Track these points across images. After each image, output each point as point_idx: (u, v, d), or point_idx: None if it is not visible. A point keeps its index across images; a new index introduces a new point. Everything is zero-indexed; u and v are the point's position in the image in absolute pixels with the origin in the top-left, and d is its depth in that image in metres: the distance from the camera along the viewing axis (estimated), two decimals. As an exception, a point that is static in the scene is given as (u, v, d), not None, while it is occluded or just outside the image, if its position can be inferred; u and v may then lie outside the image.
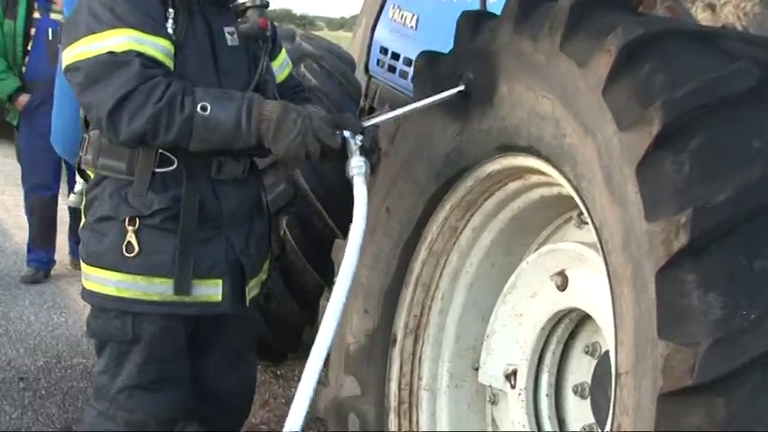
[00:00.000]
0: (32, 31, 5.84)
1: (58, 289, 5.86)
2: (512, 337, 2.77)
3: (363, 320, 2.97)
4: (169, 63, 2.61)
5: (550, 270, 2.65)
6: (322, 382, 2.95)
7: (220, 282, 2.74)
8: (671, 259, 1.86)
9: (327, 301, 4.31)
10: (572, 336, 2.74)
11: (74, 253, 6.20)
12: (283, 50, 3.00)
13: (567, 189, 2.35)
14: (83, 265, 2.77)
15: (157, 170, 2.66)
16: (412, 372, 2.92)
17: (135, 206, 2.65)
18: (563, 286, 2.62)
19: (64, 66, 2.63)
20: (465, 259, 2.87)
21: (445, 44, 4.07)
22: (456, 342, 2.92)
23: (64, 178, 6.14)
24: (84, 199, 2.79)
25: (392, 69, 4.95)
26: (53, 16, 5.89)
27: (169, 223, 2.66)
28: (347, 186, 2.66)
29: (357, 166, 2.60)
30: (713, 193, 1.87)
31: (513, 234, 2.82)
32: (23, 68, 5.86)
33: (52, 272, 6.14)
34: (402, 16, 4.98)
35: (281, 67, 2.97)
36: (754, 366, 1.77)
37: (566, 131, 2.26)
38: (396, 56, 4.92)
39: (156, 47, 2.57)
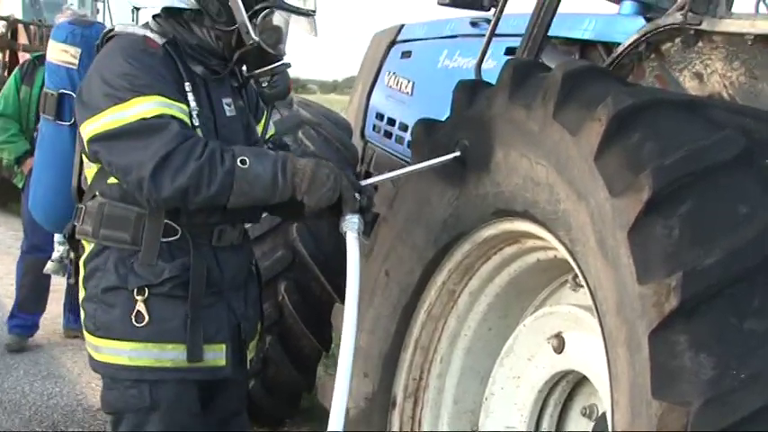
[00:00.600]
0: None
1: (51, 358, 5.83)
2: (510, 399, 2.81)
3: (363, 384, 3.01)
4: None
5: (547, 333, 2.70)
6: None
7: (224, 346, 2.78)
8: (663, 321, 1.91)
9: (324, 368, 4.34)
10: (569, 398, 2.79)
11: (69, 323, 6.22)
12: (265, 112, 3.06)
13: (563, 253, 2.41)
14: (91, 337, 2.77)
15: (163, 240, 2.70)
16: (411, 434, 2.95)
17: (144, 276, 2.67)
18: (560, 349, 2.67)
19: (89, 137, 2.62)
20: (463, 323, 2.93)
21: (441, 110, 4.17)
22: (455, 405, 2.96)
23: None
24: (83, 270, 2.79)
25: (388, 135, 5.06)
26: None
27: (178, 290, 2.69)
28: (345, 252, 2.71)
29: (351, 222, 2.65)
30: (702, 257, 1.92)
31: (509, 298, 2.88)
32: (35, 133, 5.94)
33: (46, 341, 6.11)
34: (398, 83, 5.11)
35: (265, 129, 3.05)
36: (744, 425, 1.81)
37: (560, 197, 2.33)
38: (392, 121, 5.04)
39: (182, 111, 2.63)
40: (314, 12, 2.83)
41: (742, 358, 1.85)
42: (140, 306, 2.67)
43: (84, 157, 2.78)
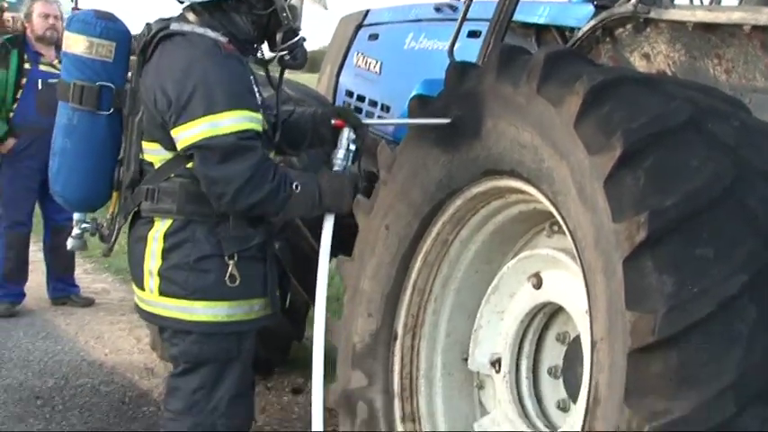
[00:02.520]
0: (23, 80, 6.27)
1: (45, 321, 6.25)
2: (495, 330, 3.33)
3: (367, 323, 3.50)
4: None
5: (527, 272, 3.22)
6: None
7: (278, 293, 3.30)
8: (633, 251, 2.40)
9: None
10: (546, 327, 3.31)
11: (56, 291, 6.60)
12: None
13: (545, 203, 2.93)
14: (181, 301, 3.15)
15: None
16: (411, 363, 3.44)
17: (236, 243, 3.10)
18: (538, 285, 3.20)
19: (184, 144, 3.00)
20: (454, 268, 3.42)
21: (408, 86, 4.69)
22: (447, 337, 3.46)
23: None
24: (161, 243, 3.15)
25: (358, 110, 5.53)
26: (42, 68, 6.34)
27: (258, 252, 3.18)
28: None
29: (340, 158, 3.24)
30: (663, 200, 2.42)
31: (493, 245, 3.39)
32: (11, 114, 6.26)
33: (36, 307, 6.54)
34: (366, 63, 5.59)
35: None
36: (697, 326, 2.31)
37: (543, 157, 2.84)
38: (361, 98, 5.52)
39: (260, 122, 3.06)
40: None
41: (695, 277, 2.36)
42: (233, 269, 3.09)
43: (148, 144, 3.15)
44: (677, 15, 3.36)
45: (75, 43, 3.29)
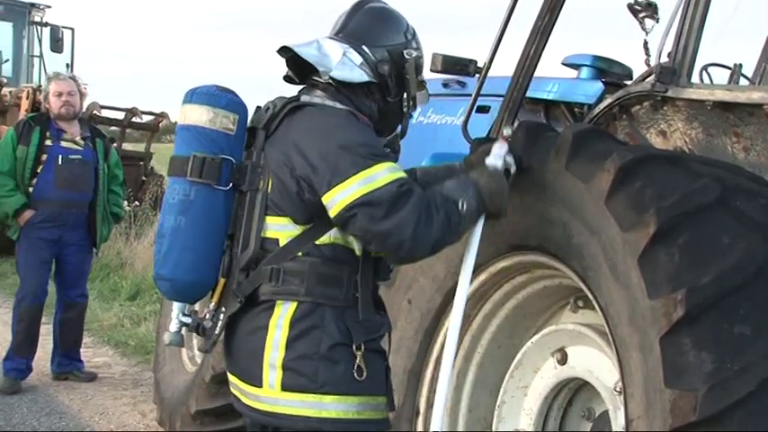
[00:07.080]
0: (44, 156, 6.32)
1: (49, 397, 6.14)
2: (519, 406, 3.32)
3: (389, 398, 3.48)
4: None
5: (552, 348, 3.22)
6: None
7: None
8: (671, 328, 2.42)
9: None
10: (570, 403, 3.30)
11: (60, 366, 6.54)
12: None
13: (573, 279, 2.94)
14: (308, 396, 2.80)
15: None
16: (433, 440, 3.42)
17: (364, 331, 2.84)
18: (563, 361, 3.20)
19: (345, 204, 2.74)
20: (476, 342, 3.42)
21: (415, 160, 4.70)
22: (469, 413, 3.44)
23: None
24: (286, 330, 2.82)
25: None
26: (63, 144, 6.39)
27: (380, 344, 2.92)
28: None
29: (492, 161, 3.00)
30: (699, 277, 2.45)
31: (516, 320, 3.39)
32: (30, 188, 6.30)
33: (38, 382, 6.44)
34: (374, 137, 5.63)
35: None
36: (738, 405, 2.33)
37: (572, 232, 2.86)
38: (369, 172, 5.54)
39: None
40: None
41: (734, 354, 2.38)
42: (360, 361, 2.80)
43: (275, 219, 2.90)
44: (695, 94, 3.41)
45: (198, 115, 3.03)
